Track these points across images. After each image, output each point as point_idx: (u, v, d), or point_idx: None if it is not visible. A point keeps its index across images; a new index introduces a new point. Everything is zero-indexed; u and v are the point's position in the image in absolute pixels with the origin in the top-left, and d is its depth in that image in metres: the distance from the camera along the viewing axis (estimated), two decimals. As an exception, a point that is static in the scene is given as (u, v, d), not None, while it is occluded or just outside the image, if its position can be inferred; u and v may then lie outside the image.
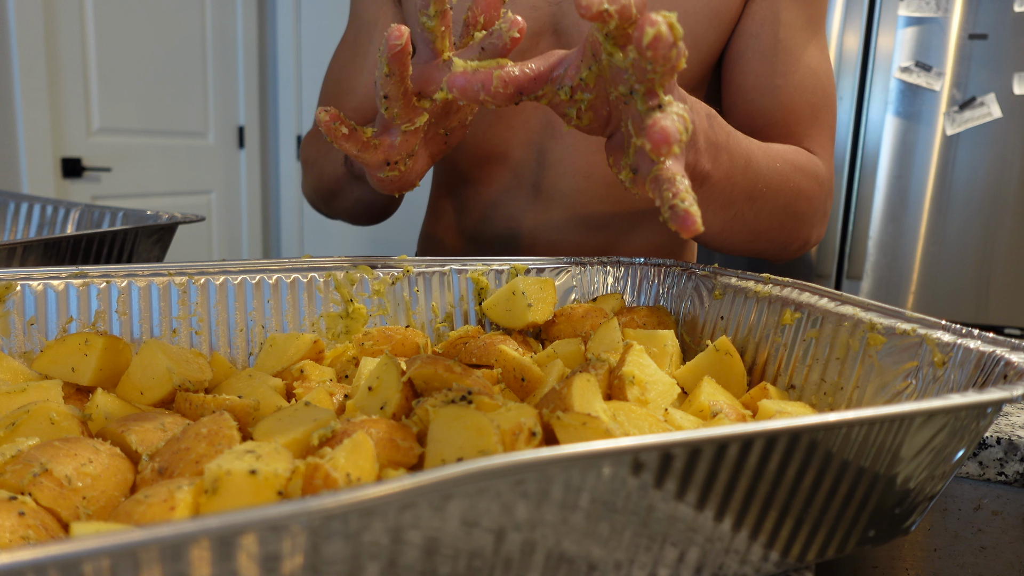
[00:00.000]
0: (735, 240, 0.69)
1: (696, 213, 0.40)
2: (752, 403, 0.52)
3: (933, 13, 1.97)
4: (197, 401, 0.45)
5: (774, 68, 0.77)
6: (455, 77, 0.47)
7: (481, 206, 0.87)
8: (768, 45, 0.77)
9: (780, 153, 0.68)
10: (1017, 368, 0.40)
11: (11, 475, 0.34)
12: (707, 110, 0.54)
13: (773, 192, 0.66)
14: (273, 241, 3.19)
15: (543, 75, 0.49)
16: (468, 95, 0.47)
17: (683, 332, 0.65)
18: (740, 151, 0.59)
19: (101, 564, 0.22)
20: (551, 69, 0.49)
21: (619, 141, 0.51)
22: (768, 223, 0.68)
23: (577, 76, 0.48)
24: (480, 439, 0.35)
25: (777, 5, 0.77)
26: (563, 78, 0.49)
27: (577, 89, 0.48)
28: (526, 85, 0.48)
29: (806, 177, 0.72)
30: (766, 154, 0.64)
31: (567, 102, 0.49)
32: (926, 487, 0.40)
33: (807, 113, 0.79)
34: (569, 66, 0.48)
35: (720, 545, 0.36)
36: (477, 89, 0.47)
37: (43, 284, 0.52)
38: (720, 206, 0.60)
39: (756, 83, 0.78)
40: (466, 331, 0.62)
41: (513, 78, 0.47)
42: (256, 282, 0.58)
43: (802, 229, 0.74)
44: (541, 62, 0.49)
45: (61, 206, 0.89)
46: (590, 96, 0.49)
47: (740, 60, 0.79)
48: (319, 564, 0.26)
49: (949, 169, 2.02)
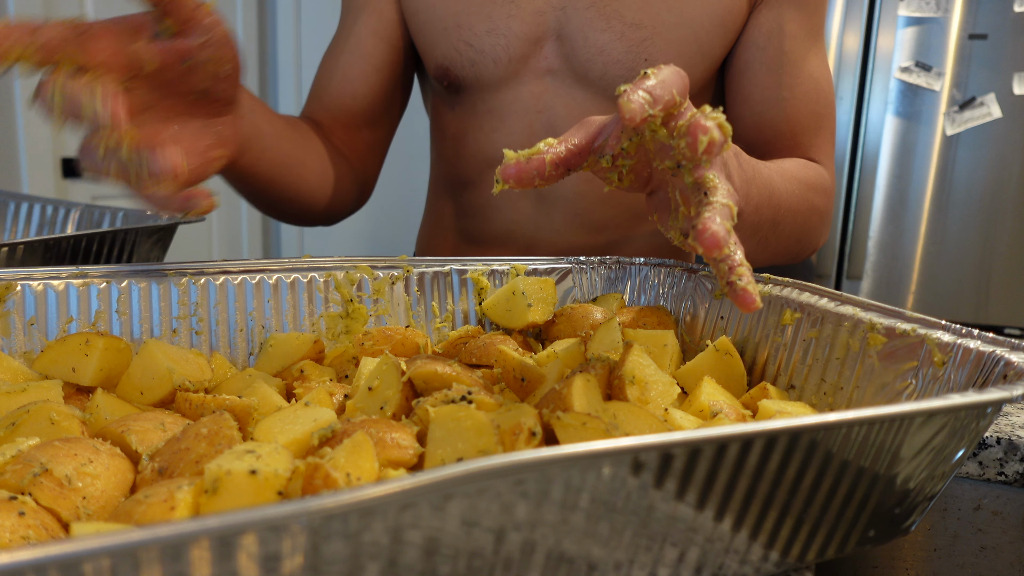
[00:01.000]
0: (757, 260, 0.70)
1: (755, 291, 0.41)
2: (752, 403, 0.52)
3: (933, 13, 1.97)
4: (197, 401, 0.45)
5: (780, 80, 0.79)
6: (508, 168, 0.47)
7: (481, 208, 0.87)
8: (774, 58, 0.78)
9: (794, 174, 0.70)
10: (1017, 368, 0.40)
11: (11, 475, 0.34)
12: (734, 148, 0.55)
13: (792, 214, 0.68)
14: (273, 241, 3.19)
15: (587, 148, 0.50)
16: (525, 183, 0.48)
17: (683, 332, 0.65)
18: (763, 181, 0.60)
19: (101, 564, 0.22)
20: (592, 139, 0.50)
21: (662, 200, 0.52)
22: (787, 242, 0.71)
23: (618, 145, 0.49)
24: (480, 439, 0.35)
25: (782, 16, 0.78)
26: (604, 147, 0.50)
27: (619, 157, 0.50)
28: (575, 161, 0.49)
29: (818, 193, 0.75)
30: (783, 178, 0.66)
31: (609, 168, 0.51)
32: (926, 487, 0.40)
33: (811, 124, 0.80)
34: (609, 135, 0.49)
35: (720, 545, 0.36)
36: (533, 176, 0.48)
37: (43, 284, 0.52)
38: (748, 235, 0.62)
39: (763, 96, 0.79)
40: (466, 331, 0.62)
41: (563, 159, 0.49)
42: (256, 282, 0.59)
43: (813, 241, 0.78)
44: (582, 134, 0.50)
45: (61, 206, 0.89)
46: (631, 162, 0.50)
47: (747, 72, 0.80)
48: (319, 564, 0.26)
49: (949, 169, 2.02)
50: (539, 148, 0.48)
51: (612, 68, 0.77)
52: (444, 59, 0.81)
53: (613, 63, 0.77)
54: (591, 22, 0.77)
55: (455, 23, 0.79)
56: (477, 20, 0.79)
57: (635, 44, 0.76)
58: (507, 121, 0.82)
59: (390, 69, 0.86)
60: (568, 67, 0.79)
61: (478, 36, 0.79)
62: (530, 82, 0.80)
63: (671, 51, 0.77)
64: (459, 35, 0.79)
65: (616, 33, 0.76)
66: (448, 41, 0.80)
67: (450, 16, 0.80)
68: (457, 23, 0.79)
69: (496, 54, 0.79)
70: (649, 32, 0.76)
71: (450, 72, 0.81)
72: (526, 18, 0.78)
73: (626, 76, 0.77)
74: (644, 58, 0.76)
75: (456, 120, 0.86)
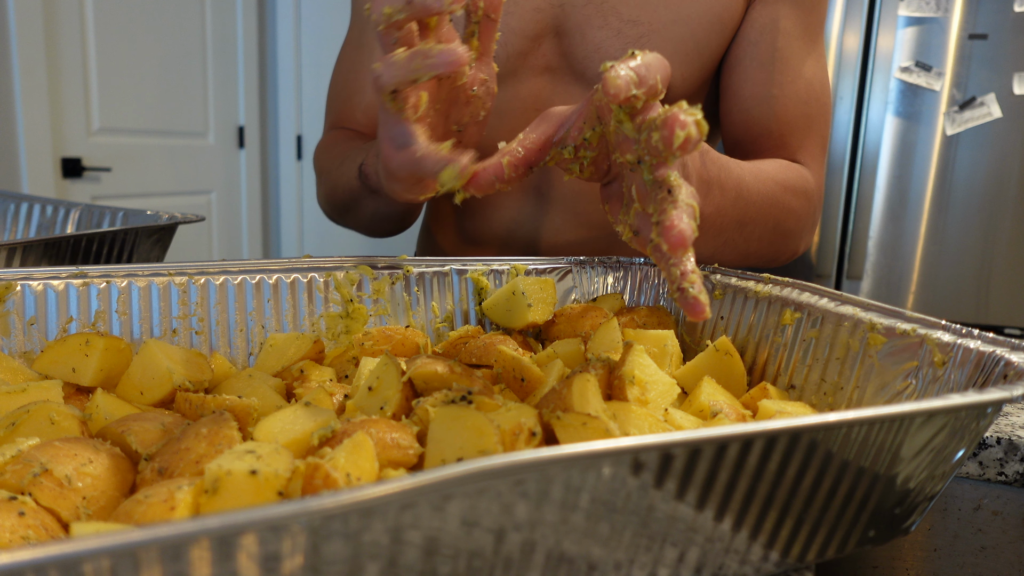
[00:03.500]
0: (724, 261, 0.70)
1: (705, 301, 0.40)
2: (752, 403, 0.52)
3: (933, 13, 1.97)
4: (197, 401, 0.45)
5: (771, 77, 0.78)
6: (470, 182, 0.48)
7: (481, 207, 0.87)
8: (766, 54, 0.78)
9: (771, 175, 0.69)
10: (1017, 368, 0.40)
11: (11, 475, 0.34)
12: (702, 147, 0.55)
13: (763, 216, 0.67)
14: (273, 241, 3.19)
15: (547, 143, 0.50)
16: (486, 189, 0.48)
17: (683, 332, 0.65)
18: (731, 183, 0.60)
19: (101, 564, 0.22)
20: (552, 133, 0.50)
21: (616, 191, 0.51)
22: (757, 244, 0.70)
23: (580, 136, 0.49)
24: (480, 439, 0.35)
25: (777, 13, 0.78)
26: (566, 139, 0.50)
27: (580, 147, 0.50)
28: (534, 158, 0.49)
29: (795, 196, 0.74)
30: (756, 179, 0.65)
31: (570, 159, 0.51)
32: (926, 487, 0.40)
33: (801, 124, 0.79)
34: (571, 127, 0.49)
35: (720, 545, 0.36)
36: (493, 181, 0.48)
37: (43, 284, 0.52)
38: (710, 236, 0.61)
39: (752, 91, 0.79)
40: (466, 331, 0.62)
41: (521, 158, 0.49)
42: (256, 282, 0.58)
43: (790, 244, 0.76)
44: (540, 131, 0.50)
45: (61, 206, 0.89)
46: (593, 154, 0.50)
47: (738, 67, 0.79)
48: (319, 564, 0.26)
49: (949, 169, 2.02)
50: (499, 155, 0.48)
51: None
52: None
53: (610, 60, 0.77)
54: (589, 19, 0.77)
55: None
56: None
57: (632, 41, 0.76)
58: (505, 119, 0.82)
59: None
60: (566, 64, 0.79)
61: None
62: (528, 79, 0.80)
63: (668, 48, 0.77)
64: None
65: (613, 30, 0.76)
66: None
67: None
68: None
69: (495, 51, 0.79)
70: (645, 29, 0.76)
71: None
72: (525, 15, 0.78)
73: None
74: None
75: None
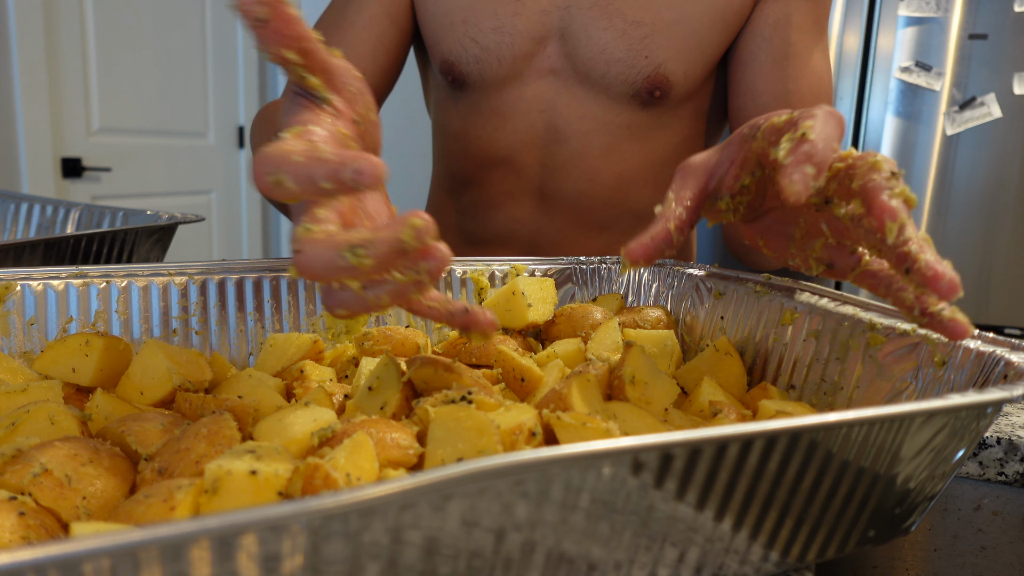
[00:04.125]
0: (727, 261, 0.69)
1: (963, 319, 0.37)
2: (752, 403, 0.52)
3: (933, 13, 1.97)
4: (197, 401, 0.45)
5: (785, 72, 0.78)
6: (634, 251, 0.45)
7: (483, 208, 0.87)
8: (780, 49, 0.78)
9: None
10: (1017, 368, 0.40)
11: (11, 475, 0.34)
12: None
13: None
14: (273, 241, 3.19)
15: (702, 197, 0.48)
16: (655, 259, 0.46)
17: (683, 332, 0.65)
18: None
19: (101, 564, 0.22)
20: (704, 186, 0.48)
21: (775, 228, 0.49)
22: None
23: (738, 184, 0.47)
24: (480, 439, 0.35)
25: (790, 7, 0.78)
26: (720, 189, 0.47)
27: (738, 195, 0.47)
28: (695, 217, 0.48)
29: None
30: None
31: (725, 209, 0.48)
32: (926, 487, 0.40)
33: None
34: (724, 176, 0.47)
35: (720, 545, 0.36)
36: (662, 250, 0.46)
37: (43, 284, 0.52)
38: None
39: (768, 88, 0.78)
40: (466, 331, 0.62)
41: (686, 221, 0.47)
42: (256, 282, 0.58)
43: None
44: (691, 187, 0.48)
45: (61, 206, 0.89)
46: (750, 197, 0.48)
47: (752, 63, 0.79)
48: (319, 564, 0.26)
49: (949, 169, 2.02)
50: (656, 214, 0.46)
51: (613, 67, 0.77)
52: (449, 54, 0.81)
53: (615, 61, 0.77)
54: (594, 21, 0.77)
55: (462, 18, 0.80)
56: (483, 17, 0.79)
57: (636, 42, 0.76)
58: (510, 120, 0.82)
59: (396, 52, 0.85)
60: (571, 66, 0.79)
61: (484, 33, 0.79)
62: (533, 81, 0.80)
63: (671, 48, 0.77)
64: (465, 31, 0.80)
65: (617, 31, 0.76)
66: (454, 36, 0.80)
67: (457, 11, 0.80)
68: (464, 18, 0.79)
69: (501, 52, 0.79)
70: (649, 29, 0.76)
71: (455, 68, 0.81)
72: (531, 16, 0.78)
73: (626, 74, 0.77)
74: (644, 55, 0.77)
75: (459, 118, 0.86)
